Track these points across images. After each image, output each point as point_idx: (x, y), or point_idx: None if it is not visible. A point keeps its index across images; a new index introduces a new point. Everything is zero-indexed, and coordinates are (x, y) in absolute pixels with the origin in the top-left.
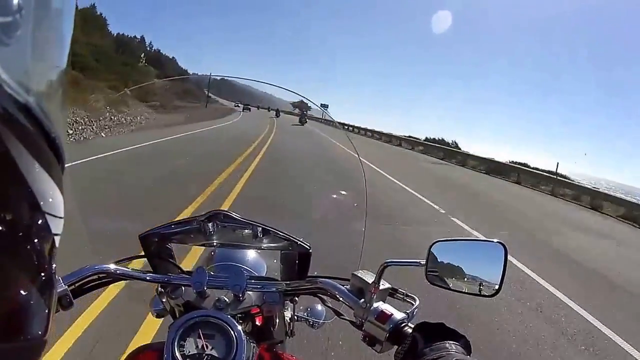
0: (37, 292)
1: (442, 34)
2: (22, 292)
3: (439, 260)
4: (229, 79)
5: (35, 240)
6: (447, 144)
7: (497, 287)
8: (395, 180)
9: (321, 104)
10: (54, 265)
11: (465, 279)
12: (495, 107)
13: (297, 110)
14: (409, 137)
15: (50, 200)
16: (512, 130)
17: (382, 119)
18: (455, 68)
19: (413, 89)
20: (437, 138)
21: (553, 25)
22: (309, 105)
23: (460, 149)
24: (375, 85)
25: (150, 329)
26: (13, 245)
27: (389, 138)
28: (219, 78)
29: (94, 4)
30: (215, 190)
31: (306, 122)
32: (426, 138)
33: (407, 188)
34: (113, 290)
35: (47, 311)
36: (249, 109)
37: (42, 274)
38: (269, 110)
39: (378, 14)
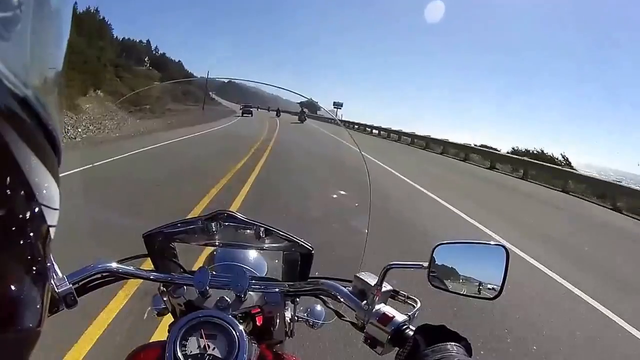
0: (32, 283)
1: (436, 24)
2: (16, 282)
3: (441, 263)
4: (238, 82)
5: (30, 231)
6: (553, 161)
7: (498, 289)
8: None
9: (334, 103)
10: (49, 257)
11: (467, 282)
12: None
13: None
14: (483, 146)
15: (46, 191)
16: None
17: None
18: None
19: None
20: (535, 150)
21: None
22: (319, 105)
23: (574, 169)
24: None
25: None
26: (7, 236)
27: (462, 152)
28: (226, 81)
29: (97, 8)
30: None
31: (305, 119)
32: (514, 149)
33: None
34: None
35: (41, 302)
36: (250, 113)
37: (37, 265)
38: (269, 111)
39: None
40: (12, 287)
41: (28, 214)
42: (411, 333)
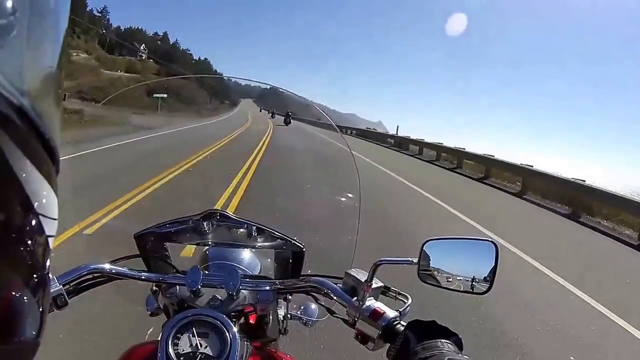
0: (31, 294)
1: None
2: (15, 294)
3: (431, 259)
4: (280, 91)
5: (29, 242)
6: None
7: (488, 285)
8: None
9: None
10: (47, 267)
11: (457, 277)
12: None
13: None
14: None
15: (44, 201)
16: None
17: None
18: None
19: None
20: None
21: None
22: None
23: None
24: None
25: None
26: (6, 247)
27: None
28: (268, 87)
29: None
30: None
31: (290, 122)
32: None
33: None
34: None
35: (40, 313)
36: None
37: (36, 276)
38: (267, 112)
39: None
40: (11, 298)
41: (26, 225)
42: (402, 329)
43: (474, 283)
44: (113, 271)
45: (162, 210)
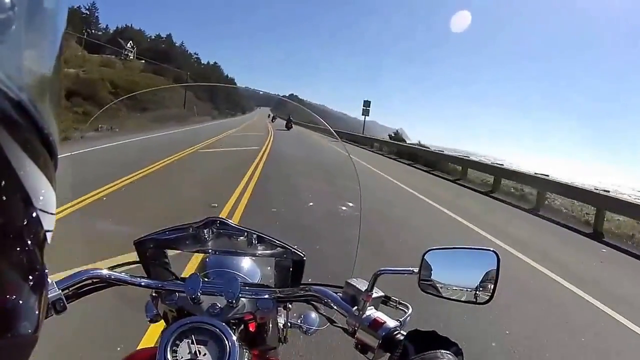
0: (28, 289)
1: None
2: (12, 288)
3: (432, 269)
4: (299, 98)
5: (27, 237)
6: None
7: (489, 295)
8: None
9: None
10: (45, 262)
11: (458, 287)
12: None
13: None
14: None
15: (42, 196)
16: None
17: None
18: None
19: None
20: None
21: None
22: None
23: None
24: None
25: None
26: (4, 241)
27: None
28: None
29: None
30: None
31: (292, 127)
32: None
33: None
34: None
35: (38, 308)
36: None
37: (33, 270)
38: (270, 117)
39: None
40: (10, 294)
41: (25, 220)
42: (402, 338)
43: (474, 292)
44: (112, 277)
45: None
